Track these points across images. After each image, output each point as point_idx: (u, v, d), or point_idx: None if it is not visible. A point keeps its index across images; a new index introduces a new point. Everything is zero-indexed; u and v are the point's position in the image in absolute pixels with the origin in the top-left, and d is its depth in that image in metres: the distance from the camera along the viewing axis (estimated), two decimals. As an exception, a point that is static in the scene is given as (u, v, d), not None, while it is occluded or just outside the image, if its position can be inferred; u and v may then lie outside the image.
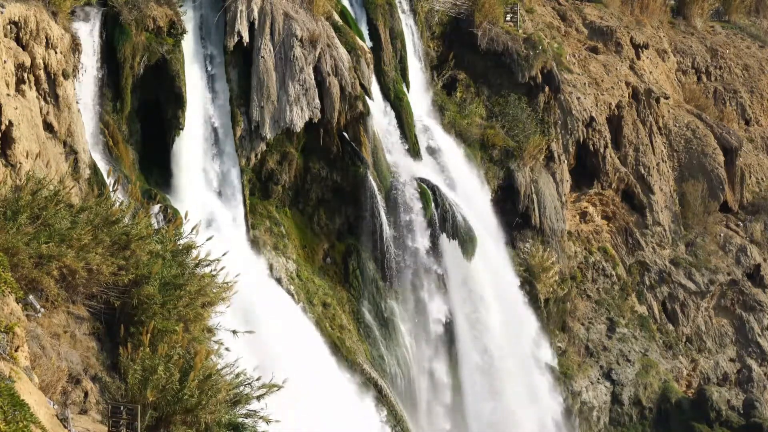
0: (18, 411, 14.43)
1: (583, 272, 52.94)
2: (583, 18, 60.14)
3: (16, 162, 26.60)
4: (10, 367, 15.82)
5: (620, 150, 55.46)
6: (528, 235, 48.46)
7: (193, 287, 21.71)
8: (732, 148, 59.77)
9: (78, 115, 31.00)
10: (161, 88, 35.50)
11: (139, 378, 19.08)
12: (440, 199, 42.04)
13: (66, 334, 20.32)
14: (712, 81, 65.82)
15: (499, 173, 47.77)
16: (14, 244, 19.36)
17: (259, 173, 38.85)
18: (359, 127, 40.21)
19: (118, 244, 21.43)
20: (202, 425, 19.43)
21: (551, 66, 50.11)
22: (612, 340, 52.10)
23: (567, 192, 51.72)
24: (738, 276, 57.39)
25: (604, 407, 50.65)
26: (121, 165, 33.63)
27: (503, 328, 44.37)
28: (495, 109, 49.40)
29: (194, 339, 21.60)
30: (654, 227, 55.90)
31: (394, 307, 41.15)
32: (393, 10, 44.87)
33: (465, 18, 49.76)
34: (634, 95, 56.69)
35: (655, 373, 52.28)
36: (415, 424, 40.31)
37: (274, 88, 37.99)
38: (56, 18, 30.41)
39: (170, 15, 35.28)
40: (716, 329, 56.42)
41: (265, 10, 38.15)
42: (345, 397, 36.41)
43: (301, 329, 36.67)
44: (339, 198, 40.65)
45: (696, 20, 67.76)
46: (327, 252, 40.91)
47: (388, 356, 40.39)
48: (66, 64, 30.38)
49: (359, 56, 40.51)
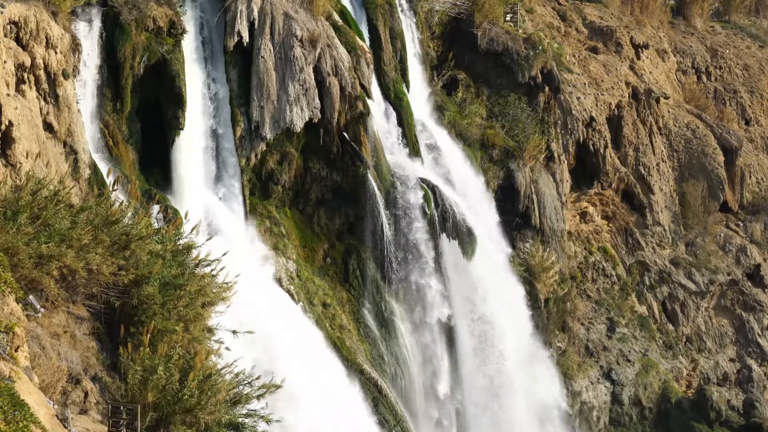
0: (18, 411, 14.43)
1: (583, 272, 52.95)
2: (583, 18, 60.15)
3: (16, 162, 26.60)
4: (10, 367, 15.81)
5: (620, 150, 55.47)
6: (528, 235, 48.45)
7: (193, 287, 21.71)
8: (732, 148, 59.78)
9: (78, 115, 31.00)
10: (161, 88, 35.48)
11: (139, 378, 19.08)
12: (440, 199, 42.04)
13: (66, 334, 20.32)
14: (712, 81, 65.83)
15: (499, 173, 47.76)
16: (14, 244, 19.36)
17: (259, 173, 38.85)
18: (359, 127, 40.21)
19: (118, 244, 21.43)
20: (202, 425, 19.43)
21: (551, 66, 50.10)
22: (612, 340, 52.11)
23: (567, 192, 51.72)
24: (738, 276, 57.39)
25: (604, 407, 50.65)
26: (121, 165, 33.62)
27: (503, 327, 44.36)
28: (495, 109, 49.40)
29: (194, 339, 21.60)
30: (654, 227, 55.91)
31: (394, 307, 41.15)
32: (393, 10, 44.87)
33: (465, 18, 49.75)
34: (634, 95, 56.69)
35: (655, 373, 52.28)
36: (415, 424, 40.30)
37: (274, 88, 37.99)
38: (56, 18, 30.40)
39: (170, 15, 35.27)
40: (716, 329, 56.41)
41: (265, 10, 38.15)
42: (345, 396, 36.40)
43: (300, 329, 36.66)
44: (339, 198, 40.65)
45: (696, 20, 67.76)
46: (327, 252, 40.91)
47: (388, 356, 40.38)
48: (66, 64, 30.38)
49: (359, 56, 40.51)
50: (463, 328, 43.29)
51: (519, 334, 45.56)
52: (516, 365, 44.89)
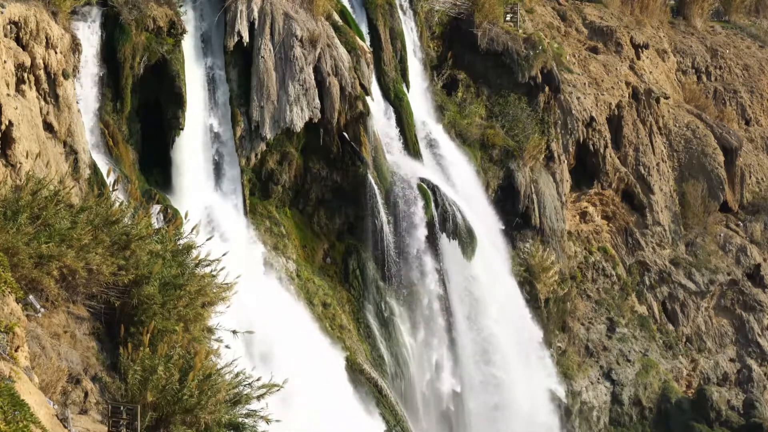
0: (18, 411, 14.43)
1: (583, 272, 52.95)
2: (583, 18, 60.15)
3: (16, 162, 26.60)
4: (10, 367, 15.81)
5: (620, 150, 55.47)
6: (528, 235, 48.47)
7: (193, 287, 21.69)
8: (732, 148, 59.78)
9: (78, 115, 31.00)
10: (161, 88, 35.49)
11: (139, 378, 19.07)
12: (440, 199, 42.04)
13: (66, 334, 20.31)
14: (712, 81, 65.82)
15: (499, 173, 47.78)
16: (14, 244, 19.34)
17: (259, 173, 38.86)
18: (359, 127, 40.21)
19: (118, 244, 21.41)
20: (202, 425, 19.41)
21: (551, 66, 50.11)
22: (612, 340, 52.11)
23: (567, 192, 51.73)
24: (738, 276, 57.39)
25: (604, 407, 50.66)
26: (121, 165, 33.63)
27: (503, 327, 44.37)
28: (495, 109, 49.42)
29: (194, 339, 21.58)
30: (654, 227, 55.91)
31: (394, 307, 41.15)
32: (393, 10, 44.87)
33: (465, 18, 49.76)
34: (634, 95, 56.69)
35: (655, 373, 52.28)
36: (415, 424, 40.30)
37: (274, 88, 37.99)
38: (56, 18, 30.39)
39: (170, 15, 35.28)
40: (716, 329, 56.42)
41: (265, 10, 38.15)
42: (345, 396, 36.40)
43: (300, 329, 36.65)
44: (339, 198, 40.65)
45: (696, 20, 67.76)
46: (327, 252, 40.92)
47: (388, 356, 40.39)
48: (66, 64, 30.37)
49: (359, 56, 40.51)
50: (463, 327, 43.30)
51: (519, 334, 45.57)
52: (516, 365, 44.89)
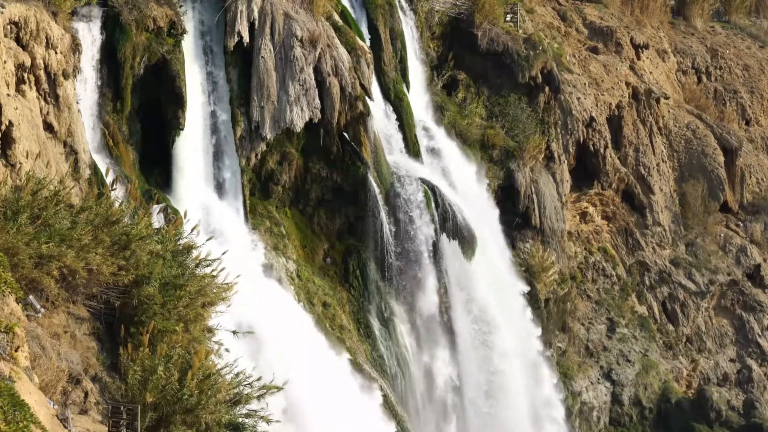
0: (18, 411, 14.42)
1: (583, 272, 52.95)
2: (583, 18, 60.14)
3: (16, 162, 26.60)
4: (10, 367, 15.80)
5: (620, 150, 55.46)
6: (528, 235, 48.47)
7: (193, 287, 21.68)
8: (732, 148, 59.78)
9: (78, 115, 31.00)
10: (161, 88, 35.50)
11: (139, 378, 19.06)
12: (440, 199, 42.04)
13: (66, 334, 20.30)
14: (712, 81, 65.82)
15: (499, 173, 47.78)
16: (14, 244, 19.33)
17: (259, 173, 38.86)
18: (359, 127, 40.21)
19: (118, 244, 21.39)
20: (202, 425, 19.40)
21: (551, 66, 50.11)
22: (612, 340, 52.11)
23: (567, 192, 51.72)
24: (738, 276, 57.39)
25: (604, 407, 50.66)
26: (121, 165, 33.63)
27: (503, 327, 44.35)
28: (495, 109, 49.41)
29: (194, 339, 21.58)
30: (654, 227, 55.90)
31: (394, 307, 41.15)
32: (393, 10, 44.87)
33: (465, 18, 49.76)
34: (634, 95, 56.69)
35: (655, 373, 52.28)
36: (414, 424, 40.29)
37: (274, 88, 37.99)
38: (56, 18, 30.40)
39: (170, 15, 35.28)
40: (716, 329, 56.41)
41: (265, 10, 38.15)
42: (345, 396, 36.38)
43: (300, 329, 36.64)
44: (339, 198, 40.65)
45: (696, 20, 67.78)
46: (327, 252, 40.92)
47: (388, 356, 40.38)
48: (66, 64, 30.37)
49: (359, 56, 40.51)
50: (463, 328, 43.29)
51: (519, 334, 45.56)
52: (516, 365, 44.88)
